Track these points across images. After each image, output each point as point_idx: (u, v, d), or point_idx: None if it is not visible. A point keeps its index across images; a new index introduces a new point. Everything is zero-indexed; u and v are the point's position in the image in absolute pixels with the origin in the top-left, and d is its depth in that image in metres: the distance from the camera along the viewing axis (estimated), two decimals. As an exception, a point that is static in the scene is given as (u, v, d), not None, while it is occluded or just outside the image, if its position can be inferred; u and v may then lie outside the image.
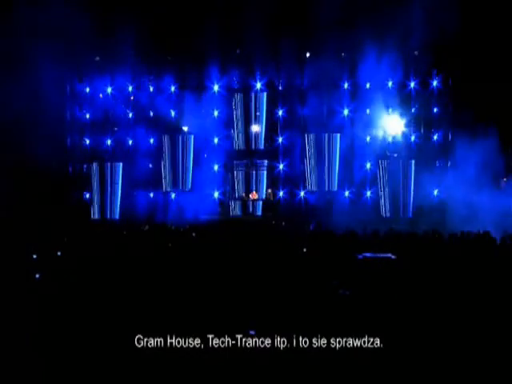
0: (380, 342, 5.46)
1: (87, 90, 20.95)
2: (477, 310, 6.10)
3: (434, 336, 5.55)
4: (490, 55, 17.37)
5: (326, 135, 20.05)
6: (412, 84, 20.03)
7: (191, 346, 5.44)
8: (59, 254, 9.97)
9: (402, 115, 20.07)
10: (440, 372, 4.99)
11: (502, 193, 18.25)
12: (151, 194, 20.69)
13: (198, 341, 5.51)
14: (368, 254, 9.04)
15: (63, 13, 16.91)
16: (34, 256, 9.24)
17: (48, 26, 16.76)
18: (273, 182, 20.62)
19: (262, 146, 20.59)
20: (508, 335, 5.51)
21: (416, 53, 19.56)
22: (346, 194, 20.11)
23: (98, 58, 19.91)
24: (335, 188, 20.02)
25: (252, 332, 5.75)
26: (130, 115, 20.94)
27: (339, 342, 5.48)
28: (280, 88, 20.78)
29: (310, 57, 20.26)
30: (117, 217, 20.38)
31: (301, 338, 5.51)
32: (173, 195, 20.57)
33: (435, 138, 20.18)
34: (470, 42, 17.04)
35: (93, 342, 5.50)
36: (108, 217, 20.35)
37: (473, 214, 16.01)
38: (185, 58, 20.34)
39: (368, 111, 20.24)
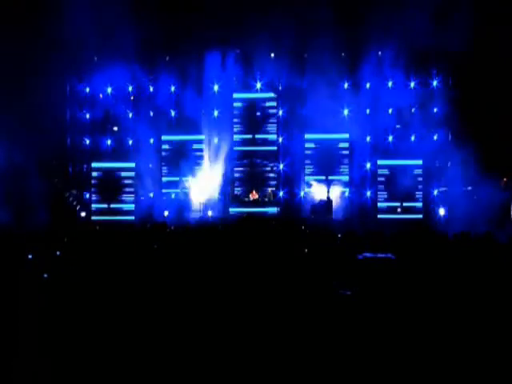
0: (380, 342, 5.46)
1: (87, 90, 20.96)
2: (477, 310, 6.10)
3: (435, 336, 5.55)
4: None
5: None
6: (412, 84, 20.05)
7: (190, 345, 5.44)
8: (58, 253, 9.96)
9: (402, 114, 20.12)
10: (440, 372, 4.99)
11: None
12: (151, 194, 20.71)
13: (197, 339, 5.51)
14: (368, 254, 9.03)
15: (63, 12, 16.93)
16: (30, 256, 9.23)
17: (48, 26, 16.78)
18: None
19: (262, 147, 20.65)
20: (508, 335, 5.51)
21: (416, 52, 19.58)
22: (346, 193, 20.14)
23: (96, 58, 19.91)
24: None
25: None
26: (130, 115, 20.95)
27: (339, 342, 5.48)
28: (280, 88, 20.80)
29: (309, 57, 20.26)
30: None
31: (300, 338, 5.51)
32: (173, 195, 20.57)
33: (435, 137, 20.21)
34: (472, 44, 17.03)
35: (94, 341, 5.50)
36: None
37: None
38: (184, 58, 20.33)
39: (368, 111, 20.29)
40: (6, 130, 16.93)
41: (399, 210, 19.80)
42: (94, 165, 20.61)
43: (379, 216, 19.84)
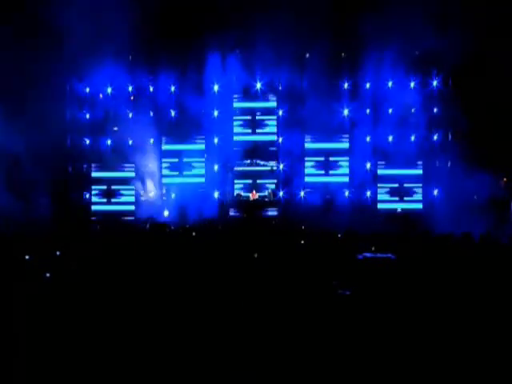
0: (380, 341, 5.45)
1: (87, 90, 20.97)
2: (478, 310, 6.10)
3: (435, 335, 5.55)
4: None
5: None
6: (412, 84, 20.06)
7: (190, 344, 5.44)
8: (58, 253, 9.97)
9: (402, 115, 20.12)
10: (440, 372, 4.99)
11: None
12: (151, 194, 20.71)
13: (196, 338, 5.51)
14: (368, 254, 9.04)
15: (63, 12, 16.93)
16: (27, 257, 9.23)
17: (48, 26, 16.78)
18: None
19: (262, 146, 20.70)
20: (508, 335, 5.51)
21: (417, 53, 19.59)
22: (346, 194, 20.15)
23: (96, 58, 19.88)
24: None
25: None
26: (130, 115, 20.95)
27: (339, 342, 5.47)
28: (280, 88, 20.81)
29: (309, 57, 20.27)
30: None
31: (300, 338, 5.51)
32: (173, 195, 20.58)
33: (435, 137, 20.23)
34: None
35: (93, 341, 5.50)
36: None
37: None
38: (184, 58, 20.33)
39: (368, 111, 20.31)
40: (5, 129, 16.93)
41: (399, 210, 19.79)
42: (93, 174, 20.68)
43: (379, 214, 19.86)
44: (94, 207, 20.75)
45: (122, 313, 6.26)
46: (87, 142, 21.24)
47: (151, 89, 20.95)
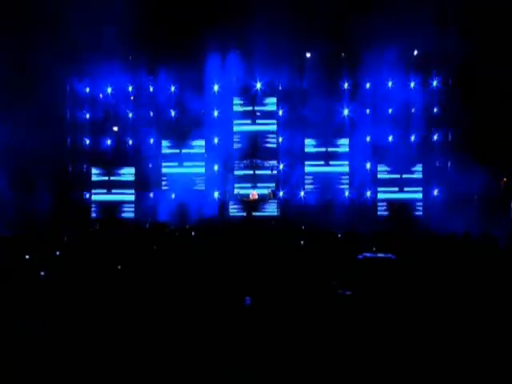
0: (380, 342, 5.45)
1: (87, 90, 20.98)
2: (478, 310, 6.09)
3: (436, 336, 5.54)
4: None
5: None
6: (412, 84, 20.07)
7: (190, 345, 5.44)
8: (58, 253, 9.96)
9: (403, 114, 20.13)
10: (440, 371, 4.98)
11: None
12: (151, 194, 20.71)
13: (195, 338, 5.50)
14: (368, 254, 9.04)
15: (63, 11, 16.93)
16: (27, 256, 9.22)
17: (48, 26, 16.79)
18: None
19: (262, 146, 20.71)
20: (508, 336, 5.50)
21: (417, 52, 19.60)
22: (346, 193, 20.16)
23: (96, 58, 19.88)
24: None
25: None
26: (130, 115, 20.95)
27: (339, 342, 5.47)
28: (280, 88, 20.82)
29: (309, 57, 20.29)
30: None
31: (300, 338, 5.51)
32: (173, 195, 20.58)
33: (435, 137, 20.23)
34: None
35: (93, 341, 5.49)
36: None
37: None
38: (184, 58, 20.33)
39: (368, 111, 20.30)
40: (6, 129, 16.93)
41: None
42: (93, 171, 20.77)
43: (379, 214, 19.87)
44: (94, 198, 20.79)
45: (121, 312, 6.25)
46: (87, 141, 21.25)
47: (151, 89, 20.96)
